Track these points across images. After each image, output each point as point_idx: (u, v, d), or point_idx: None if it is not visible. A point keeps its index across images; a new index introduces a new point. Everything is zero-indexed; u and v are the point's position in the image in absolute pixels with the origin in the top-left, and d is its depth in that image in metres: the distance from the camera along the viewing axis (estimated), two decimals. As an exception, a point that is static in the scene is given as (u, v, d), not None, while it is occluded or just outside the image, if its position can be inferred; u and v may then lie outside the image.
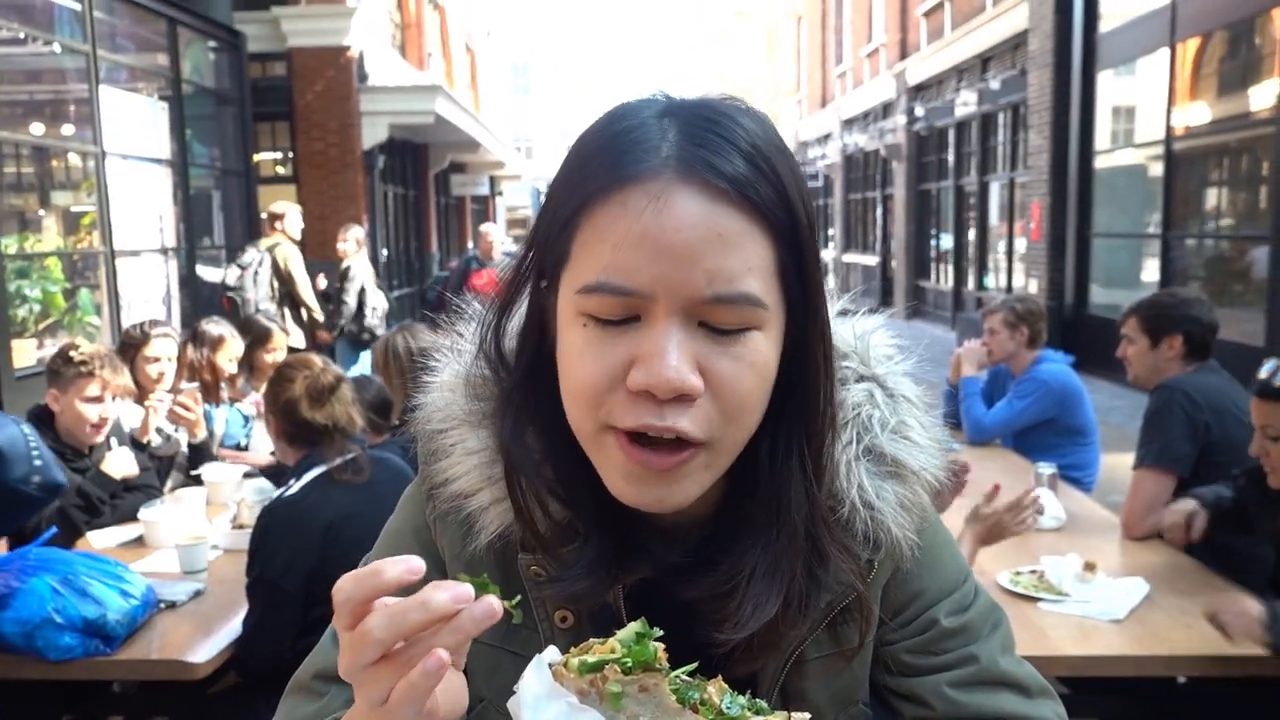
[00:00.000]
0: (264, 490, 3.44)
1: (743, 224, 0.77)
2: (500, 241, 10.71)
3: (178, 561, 2.94)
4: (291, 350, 4.92)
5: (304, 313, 8.03)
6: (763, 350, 0.80)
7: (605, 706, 0.63)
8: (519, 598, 0.72)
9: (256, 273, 7.87)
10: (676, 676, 0.66)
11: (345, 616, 0.68)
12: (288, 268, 7.86)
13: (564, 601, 0.91)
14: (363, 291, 8.44)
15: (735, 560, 0.87)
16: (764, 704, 0.67)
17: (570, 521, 0.90)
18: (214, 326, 4.53)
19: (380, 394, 3.48)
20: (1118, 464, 6.04)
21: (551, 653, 0.67)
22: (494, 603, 0.67)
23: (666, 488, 0.80)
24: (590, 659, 0.65)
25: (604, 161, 0.80)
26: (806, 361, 0.84)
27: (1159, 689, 2.72)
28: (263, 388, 4.72)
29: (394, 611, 0.66)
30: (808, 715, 0.66)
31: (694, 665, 0.69)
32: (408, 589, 0.68)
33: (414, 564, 0.67)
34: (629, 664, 0.64)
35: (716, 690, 0.67)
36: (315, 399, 2.78)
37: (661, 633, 0.67)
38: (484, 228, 10.62)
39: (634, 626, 0.68)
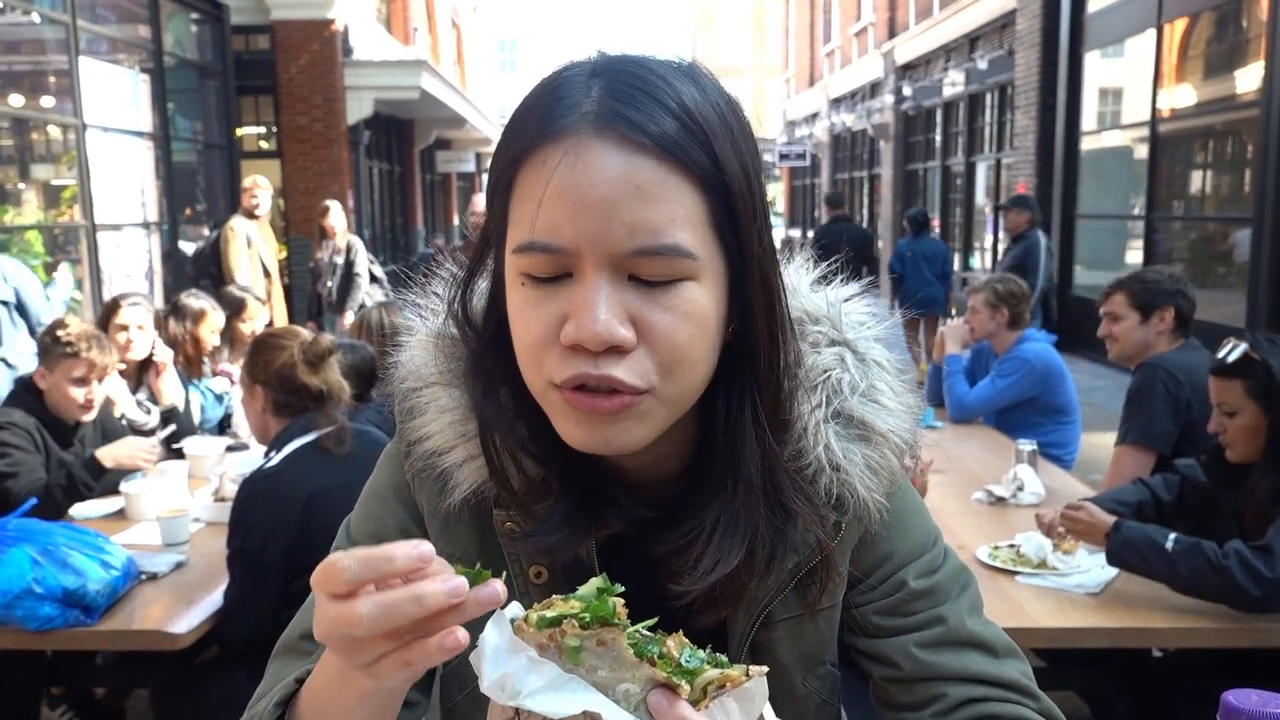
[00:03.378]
0: (246, 464, 3.42)
1: (664, 176, 0.77)
2: None
3: (159, 534, 2.94)
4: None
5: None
6: (698, 300, 0.80)
7: (564, 660, 0.64)
8: (505, 573, 0.71)
9: (203, 250, 7.76)
10: (635, 631, 0.66)
11: (340, 585, 0.66)
12: (220, 244, 7.50)
13: (537, 556, 0.93)
14: (371, 261, 8.24)
15: (697, 514, 0.88)
16: (723, 657, 0.68)
17: (544, 478, 0.91)
18: (194, 300, 4.50)
19: (368, 360, 3.42)
20: (1099, 443, 6.09)
21: (514, 608, 0.68)
22: (498, 587, 0.66)
23: (613, 428, 0.80)
24: (549, 614, 0.65)
25: (531, 120, 0.81)
26: (748, 312, 0.84)
27: (1135, 661, 2.76)
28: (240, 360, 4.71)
29: (387, 602, 0.64)
30: (765, 668, 0.67)
31: (654, 620, 0.69)
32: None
33: (424, 549, 0.66)
34: (587, 619, 0.65)
35: (676, 644, 0.67)
36: (312, 363, 2.76)
37: (623, 589, 0.68)
38: (478, 199, 10.22)
39: (595, 582, 0.68)
